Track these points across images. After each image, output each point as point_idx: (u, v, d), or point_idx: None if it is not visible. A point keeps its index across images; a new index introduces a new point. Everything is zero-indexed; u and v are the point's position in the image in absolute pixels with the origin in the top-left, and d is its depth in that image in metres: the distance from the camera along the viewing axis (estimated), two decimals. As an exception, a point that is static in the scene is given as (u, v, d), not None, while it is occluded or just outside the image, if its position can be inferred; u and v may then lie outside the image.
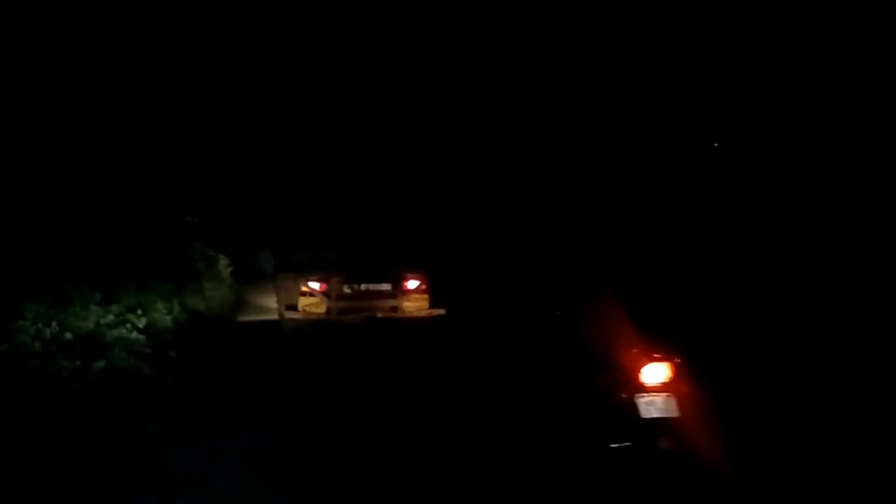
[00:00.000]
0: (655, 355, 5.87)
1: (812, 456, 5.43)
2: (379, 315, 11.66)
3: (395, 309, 11.75)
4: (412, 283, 11.81)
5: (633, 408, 5.89)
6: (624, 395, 5.93)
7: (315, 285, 11.66)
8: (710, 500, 5.40)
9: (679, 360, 5.85)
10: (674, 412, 5.78)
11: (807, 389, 6.27)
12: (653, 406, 5.84)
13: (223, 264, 13.18)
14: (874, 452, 5.36)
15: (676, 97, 11.63)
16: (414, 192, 12.19)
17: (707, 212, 9.70)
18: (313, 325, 11.50)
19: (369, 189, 12.13)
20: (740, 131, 11.18)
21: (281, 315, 11.78)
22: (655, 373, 5.88)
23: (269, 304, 12.44)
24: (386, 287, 11.78)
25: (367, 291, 11.80)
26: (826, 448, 5.50)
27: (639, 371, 5.90)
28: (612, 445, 5.83)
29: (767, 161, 10.42)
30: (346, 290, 11.73)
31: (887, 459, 5.20)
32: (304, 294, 11.64)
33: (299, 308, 11.62)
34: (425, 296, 11.86)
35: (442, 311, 11.78)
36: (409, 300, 11.81)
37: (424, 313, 11.82)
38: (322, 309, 11.64)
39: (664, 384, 5.87)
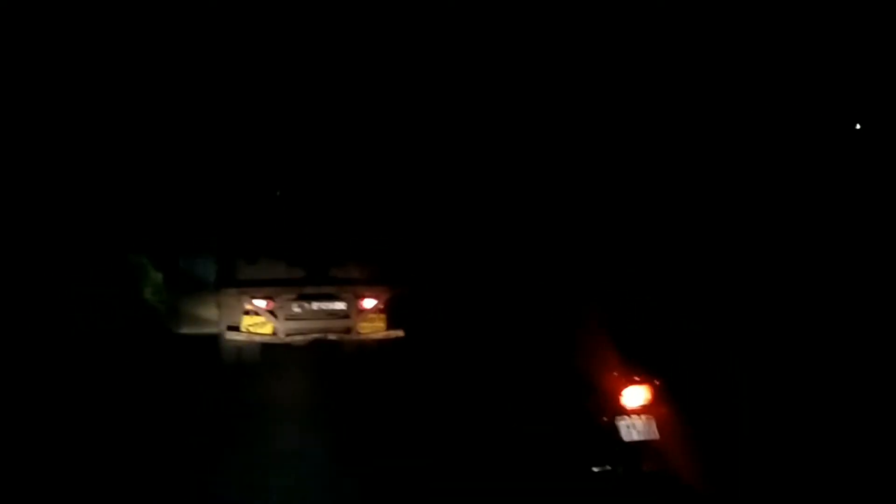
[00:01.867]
0: (636, 378, 6.04)
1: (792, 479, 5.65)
2: (331, 337, 11.53)
3: (349, 330, 11.61)
4: (368, 303, 11.69)
5: (615, 431, 6.03)
6: (605, 419, 6.09)
7: (260, 303, 11.45)
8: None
9: (659, 383, 6.03)
10: (654, 435, 5.97)
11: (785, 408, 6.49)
12: (633, 429, 6.04)
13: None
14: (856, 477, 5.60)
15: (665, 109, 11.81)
16: (375, 202, 12.12)
17: (692, 225, 9.91)
18: (258, 348, 11.31)
19: (326, 196, 12.03)
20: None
21: (221, 336, 11.49)
22: (636, 395, 6.09)
23: (211, 317, 12.19)
24: (340, 306, 11.59)
25: (319, 311, 11.59)
26: (809, 470, 5.74)
27: (619, 393, 6.08)
28: (594, 469, 5.98)
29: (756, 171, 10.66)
30: (296, 308, 11.54)
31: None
32: (247, 313, 11.41)
33: (242, 328, 11.39)
34: (383, 316, 11.77)
35: (400, 333, 11.70)
36: (365, 321, 11.66)
37: (381, 335, 11.74)
38: (268, 330, 11.45)
39: (644, 406, 6.06)
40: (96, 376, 9.43)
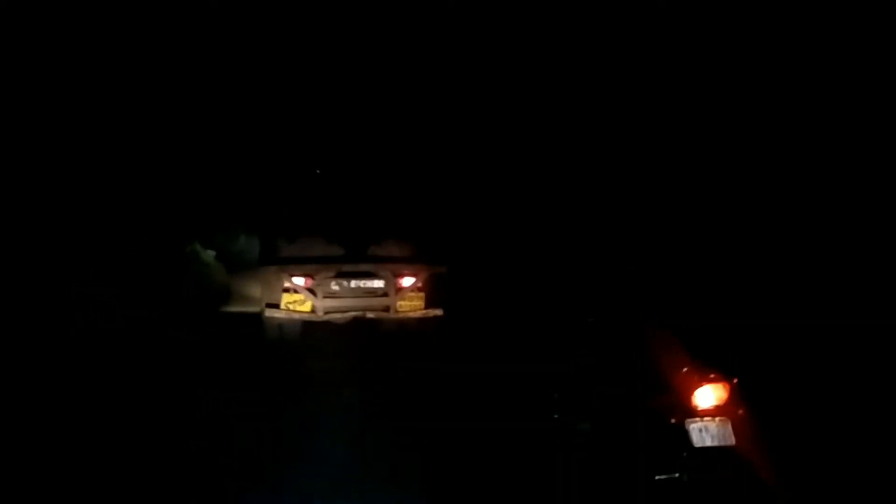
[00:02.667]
0: (710, 375, 5.33)
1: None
2: (369, 315, 11.01)
3: (387, 309, 11.08)
4: (407, 281, 11.17)
5: (684, 434, 5.33)
6: (673, 420, 5.38)
7: (299, 281, 10.97)
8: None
9: (735, 381, 5.30)
10: (730, 439, 5.27)
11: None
12: (706, 433, 5.32)
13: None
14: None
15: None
16: (415, 179, 11.57)
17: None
18: (299, 326, 10.83)
19: (366, 174, 11.49)
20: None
21: (262, 313, 11.06)
22: (710, 395, 5.35)
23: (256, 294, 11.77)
24: (378, 284, 11.06)
25: (358, 289, 11.07)
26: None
27: (691, 393, 5.37)
28: (658, 477, 5.28)
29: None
30: (334, 286, 11.02)
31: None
32: (286, 290, 10.96)
33: (281, 306, 10.93)
34: (421, 295, 11.24)
35: (439, 312, 11.14)
36: (403, 299, 11.13)
37: (420, 314, 11.21)
38: (307, 307, 10.98)
39: (718, 407, 5.34)
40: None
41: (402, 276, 11.19)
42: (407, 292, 11.20)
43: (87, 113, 11.68)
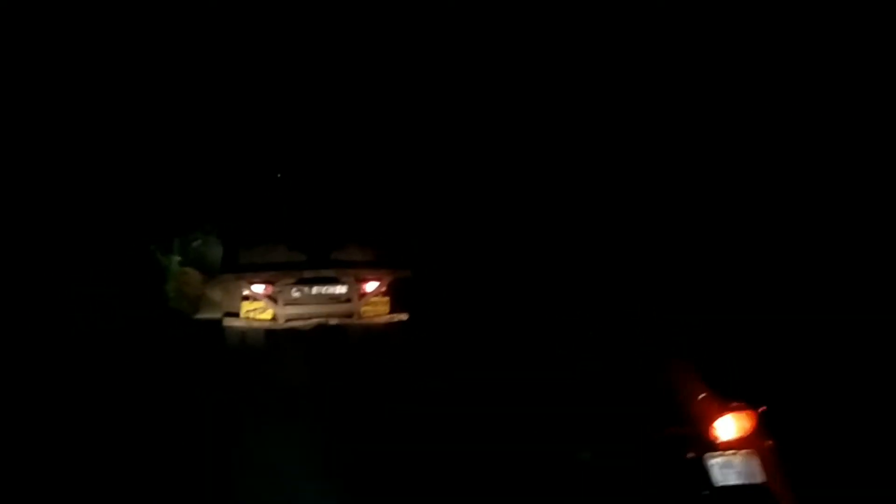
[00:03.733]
0: (732, 403, 4.46)
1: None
2: (333, 322, 10.08)
3: (351, 315, 10.18)
4: (371, 286, 10.27)
5: (703, 471, 4.45)
6: (691, 454, 4.50)
7: (259, 288, 10.03)
8: None
9: (763, 410, 4.44)
10: (758, 476, 4.40)
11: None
12: (730, 469, 4.43)
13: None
14: None
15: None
16: (378, 184, 10.71)
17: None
18: (262, 334, 9.91)
19: (327, 179, 10.65)
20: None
21: (222, 322, 10.12)
22: (733, 425, 4.47)
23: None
24: (341, 290, 10.12)
25: (320, 295, 10.17)
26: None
27: (710, 423, 4.49)
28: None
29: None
30: (295, 293, 10.10)
31: None
32: (246, 298, 10.04)
33: (241, 314, 10.02)
34: (386, 300, 10.35)
35: (404, 317, 10.30)
36: (367, 304, 10.26)
37: (384, 319, 10.32)
38: (267, 315, 10.06)
39: (743, 439, 4.47)
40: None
41: (366, 280, 10.29)
42: (371, 297, 10.30)
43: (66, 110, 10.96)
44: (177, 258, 11.21)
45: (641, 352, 5.14)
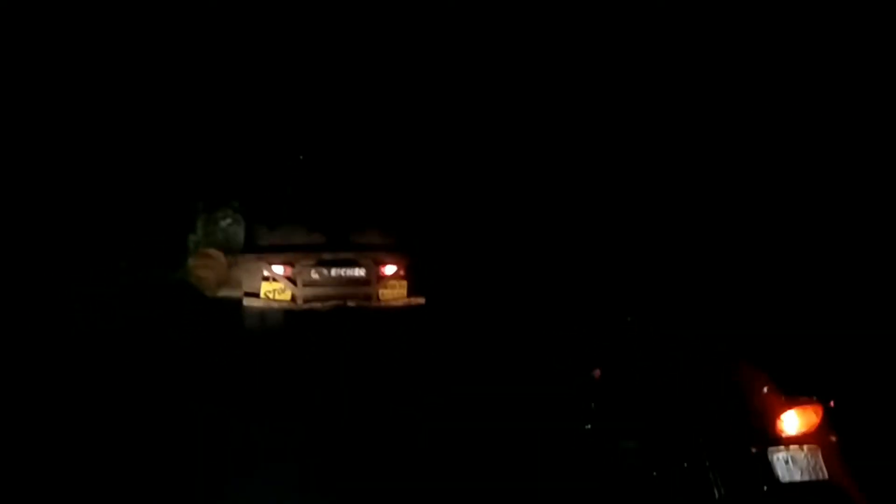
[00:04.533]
0: (799, 397, 4.15)
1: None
2: (351, 304, 9.78)
3: (369, 297, 9.86)
4: (389, 269, 9.99)
5: (766, 467, 4.15)
6: (753, 449, 4.19)
7: (278, 269, 9.73)
8: None
9: (831, 405, 4.13)
10: (822, 473, 4.10)
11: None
12: (794, 465, 4.13)
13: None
14: None
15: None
16: (398, 166, 10.35)
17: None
18: (281, 315, 9.52)
19: (349, 161, 10.24)
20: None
21: (241, 302, 9.80)
22: (798, 420, 4.16)
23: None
24: (360, 273, 9.83)
25: (338, 277, 9.86)
26: None
27: (776, 417, 4.18)
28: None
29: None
30: (314, 275, 9.78)
31: None
32: (266, 279, 9.73)
33: (261, 295, 9.70)
34: (403, 283, 10.05)
35: (421, 301, 9.97)
36: (385, 287, 9.94)
37: (402, 302, 10.02)
38: (286, 296, 9.75)
39: (807, 434, 4.17)
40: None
41: (384, 263, 10.03)
42: (389, 280, 10.03)
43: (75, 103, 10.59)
44: (196, 237, 10.87)
45: (706, 351, 4.81)
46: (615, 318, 5.65)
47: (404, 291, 10.06)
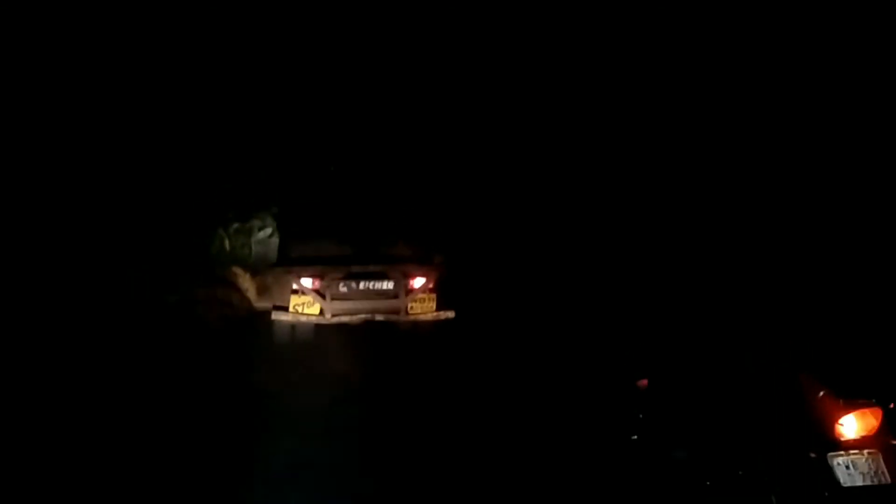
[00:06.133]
0: (858, 400, 4.15)
1: None
2: (379, 318, 9.79)
3: (398, 311, 9.87)
4: (418, 282, 9.97)
5: (826, 472, 4.15)
6: (813, 455, 4.19)
7: (307, 282, 9.75)
8: None
9: (893, 406, 4.13)
10: (884, 477, 4.09)
11: None
12: (855, 469, 4.13)
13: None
14: None
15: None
16: (427, 178, 10.35)
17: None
18: (312, 328, 9.54)
19: (377, 173, 10.27)
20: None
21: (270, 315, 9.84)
22: (857, 424, 4.16)
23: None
24: (388, 286, 9.84)
25: (367, 290, 9.85)
26: None
27: (835, 421, 4.18)
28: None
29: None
30: (343, 288, 9.79)
31: None
32: (294, 292, 9.76)
33: (290, 308, 9.74)
34: (433, 296, 10.05)
35: (451, 314, 9.98)
36: (414, 300, 9.96)
37: (431, 316, 10.02)
38: (315, 310, 9.78)
39: (866, 438, 4.16)
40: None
41: (414, 276, 10.02)
42: (418, 293, 10.03)
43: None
44: (224, 250, 10.96)
45: (764, 355, 4.82)
46: (663, 328, 5.65)
47: (433, 305, 10.08)
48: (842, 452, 4.30)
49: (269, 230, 10.97)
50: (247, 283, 10.73)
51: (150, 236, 10.26)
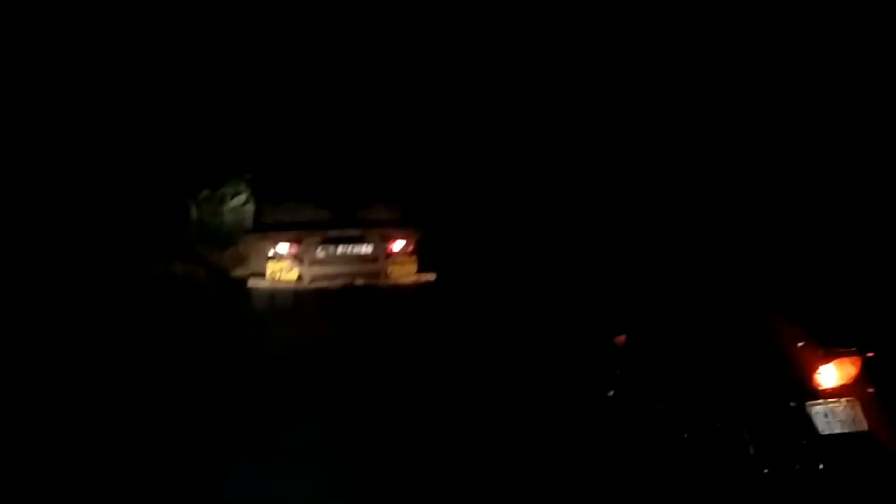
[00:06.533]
0: (837, 349, 4.13)
1: None
2: (359, 282, 9.66)
3: (377, 275, 9.75)
4: (398, 245, 9.84)
5: (805, 420, 4.13)
6: (792, 403, 4.18)
7: (284, 248, 9.61)
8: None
9: (870, 355, 4.11)
10: (861, 424, 4.09)
11: None
12: (833, 417, 4.12)
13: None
14: None
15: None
16: (405, 139, 10.22)
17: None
18: (290, 295, 9.42)
19: (354, 135, 10.12)
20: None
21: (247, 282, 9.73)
22: (837, 372, 4.15)
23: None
24: (367, 250, 9.71)
25: (346, 255, 9.73)
26: None
27: (813, 370, 4.16)
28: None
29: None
30: (321, 253, 9.66)
31: None
32: (271, 258, 9.60)
33: (266, 275, 9.58)
34: (413, 259, 9.90)
35: (431, 277, 9.85)
36: (394, 264, 9.81)
37: (412, 279, 9.88)
38: (293, 275, 9.62)
39: (845, 386, 4.15)
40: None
41: (393, 239, 9.89)
42: (398, 257, 9.89)
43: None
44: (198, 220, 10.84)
45: (742, 306, 4.78)
46: (640, 284, 5.62)
47: (414, 268, 9.94)
48: (820, 401, 4.27)
49: (242, 197, 10.77)
50: (215, 256, 10.55)
51: (121, 211, 10.05)
